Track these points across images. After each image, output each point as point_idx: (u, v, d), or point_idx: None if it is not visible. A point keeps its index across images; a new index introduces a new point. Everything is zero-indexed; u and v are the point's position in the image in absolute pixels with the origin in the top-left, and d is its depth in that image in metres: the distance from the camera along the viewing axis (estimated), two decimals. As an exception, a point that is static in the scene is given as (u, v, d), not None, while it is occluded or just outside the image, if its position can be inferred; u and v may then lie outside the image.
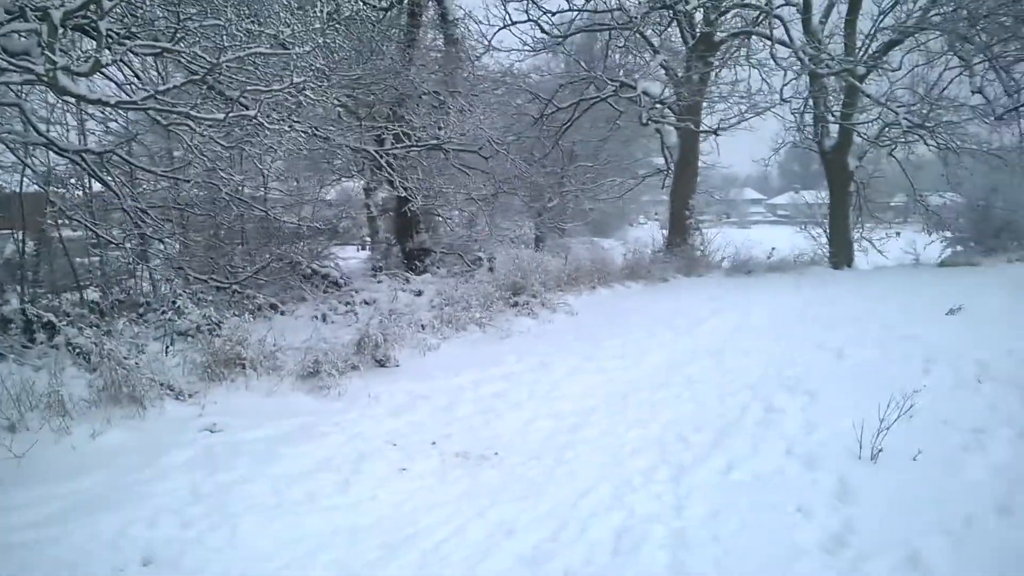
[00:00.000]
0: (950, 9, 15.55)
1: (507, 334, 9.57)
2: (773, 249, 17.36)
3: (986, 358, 7.26)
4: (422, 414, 6.51)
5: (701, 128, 16.47)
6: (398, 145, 11.46)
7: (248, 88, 6.63)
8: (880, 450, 4.80)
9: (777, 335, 9.29)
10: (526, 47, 15.42)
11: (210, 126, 7.19)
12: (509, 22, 14.91)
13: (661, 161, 19.16)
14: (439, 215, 15.71)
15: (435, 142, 11.52)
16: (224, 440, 5.76)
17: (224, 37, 6.23)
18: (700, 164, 18.11)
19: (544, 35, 15.33)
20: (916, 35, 16.36)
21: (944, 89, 17.06)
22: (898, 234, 19.67)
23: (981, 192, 17.99)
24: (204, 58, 6.23)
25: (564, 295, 11.76)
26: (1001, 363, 7.09)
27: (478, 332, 9.59)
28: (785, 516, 4.19)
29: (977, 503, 4.16)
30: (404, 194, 11.59)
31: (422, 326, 9.19)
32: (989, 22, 15.23)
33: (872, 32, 16.68)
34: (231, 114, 6.47)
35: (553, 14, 15.23)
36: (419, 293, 11.60)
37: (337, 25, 8.67)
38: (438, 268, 13.88)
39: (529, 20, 14.97)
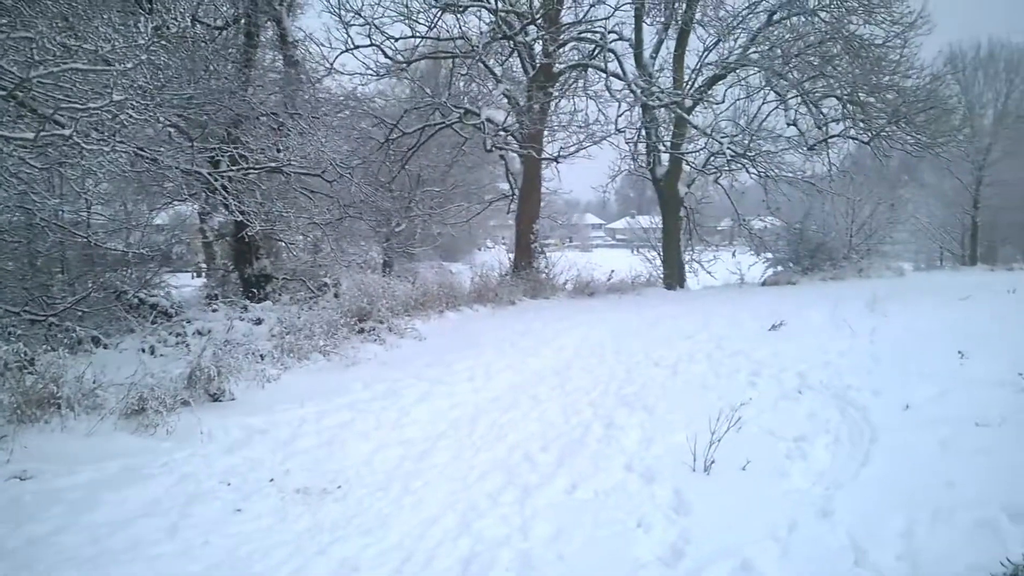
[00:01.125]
0: (766, 48, 16.95)
1: (353, 362, 9.33)
2: (612, 271, 18.04)
3: (805, 370, 7.86)
4: (260, 450, 6.18)
5: (543, 155, 16.90)
6: (234, 167, 10.99)
7: (63, 106, 6.13)
8: (712, 462, 5.04)
9: (617, 353, 9.63)
10: (369, 71, 15.27)
11: (20, 146, 6.58)
12: (351, 46, 14.68)
13: (506, 187, 19.48)
14: (281, 240, 15.17)
15: (274, 164, 11.15)
16: (35, 488, 5.21)
17: (35, 51, 5.73)
18: (543, 190, 18.55)
19: (388, 60, 15.23)
20: (737, 71, 17.65)
21: (763, 121, 18.46)
22: (734, 254, 21.02)
23: (797, 216, 19.58)
24: (13, 72, 5.71)
25: (412, 320, 11.64)
26: (818, 374, 7.69)
27: (322, 360, 9.29)
28: (626, 531, 4.30)
29: (800, 508, 4.44)
30: (241, 218, 11.11)
31: (261, 356, 8.78)
32: (800, 61, 16.68)
33: (698, 67, 17.88)
34: (43, 133, 5.96)
35: (396, 39, 15.18)
36: (258, 321, 11.10)
37: (165, 42, 8.23)
38: (280, 295, 13.37)
39: (372, 45, 14.83)
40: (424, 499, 5.01)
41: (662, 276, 19.04)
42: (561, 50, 16.57)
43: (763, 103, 18.41)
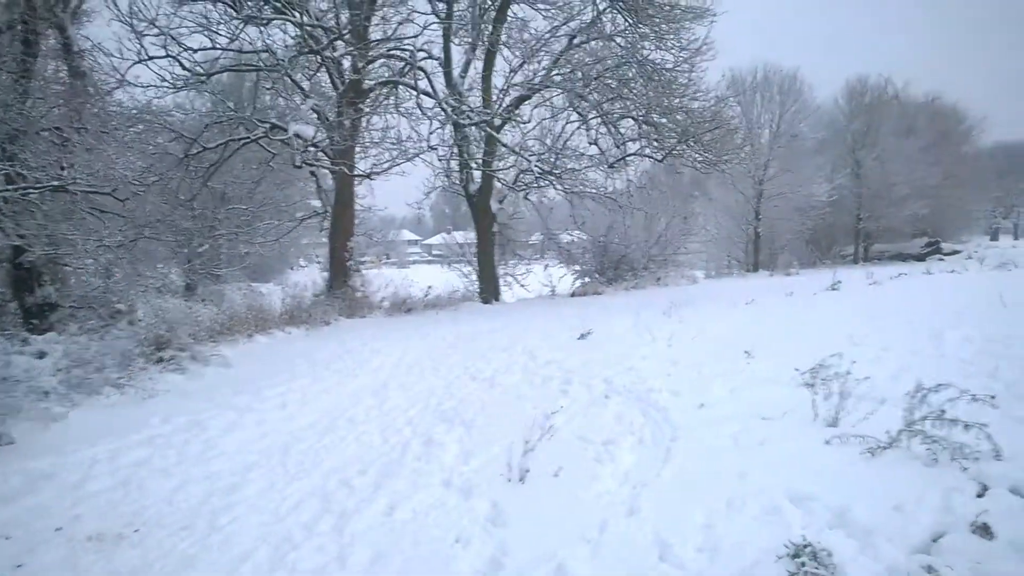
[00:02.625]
0: (568, 70, 17.80)
1: (151, 394, 8.67)
2: (430, 287, 18.18)
3: (611, 375, 8.29)
4: (45, 496, 5.59)
5: (355, 172, 16.70)
6: (10, 187, 9.97)
7: None
8: (527, 471, 5.16)
9: (436, 369, 9.69)
10: (165, 83, 14.32)
11: None
12: (145, 57, 13.72)
13: (319, 204, 19.06)
14: (67, 265, 13.90)
15: (57, 183, 10.24)
16: None
17: None
18: (357, 207, 18.34)
19: (186, 72, 14.37)
20: (542, 92, 18.37)
21: (567, 140, 19.33)
22: (545, 267, 21.84)
23: (601, 230, 20.67)
24: None
25: (218, 346, 11.03)
26: (623, 379, 8.13)
27: (116, 395, 8.55)
28: (445, 548, 4.29)
29: (610, 509, 4.62)
30: (19, 242, 10.09)
31: (45, 393, 7.96)
32: (599, 83, 17.66)
33: (505, 88, 18.41)
34: None
35: (195, 51, 14.36)
36: (41, 355, 10.04)
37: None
38: (67, 325, 12.22)
39: (168, 56, 13.95)
40: (233, 535, 4.74)
41: (478, 291, 19.38)
42: (370, 66, 16.48)
43: (567, 123, 19.36)
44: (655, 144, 18.97)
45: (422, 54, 16.11)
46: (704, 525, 4.26)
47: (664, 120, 18.32)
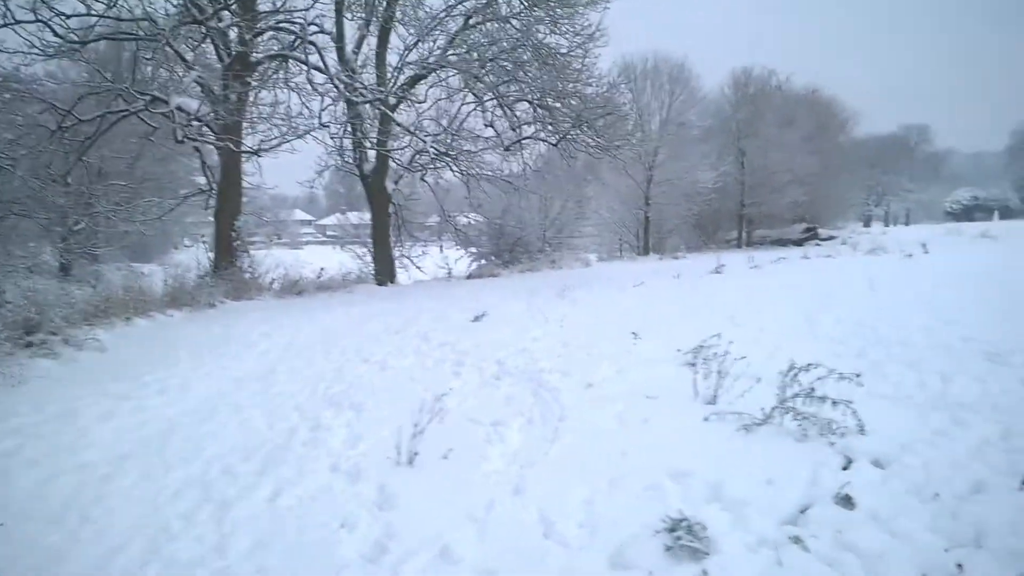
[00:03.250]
0: (464, 51, 17.68)
1: (20, 381, 8.14)
2: (322, 269, 17.82)
3: (503, 357, 8.40)
4: None
5: (242, 148, 16.10)
6: None
7: None
8: (416, 453, 5.16)
9: (326, 352, 9.53)
10: (35, 50, 13.33)
11: None
12: (12, 21, 12.75)
13: (204, 181, 18.30)
14: (-78, 243, 12.91)
15: (-92, 155, 9.45)
16: None
17: None
18: (245, 185, 17.67)
19: (58, 39, 13.42)
20: (437, 71, 18.21)
21: (463, 122, 19.28)
22: (442, 249, 21.88)
23: (497, 212, 20.78)
24: None
25: (93, 329, 10.47)
26: (515, 360, 8.25)
27: (-21, 382, 8.03)
28: (330, 533, 4.25)
29: (497, 489, 4.69)
30: None
31: None
32: (495, 65, 17.63)
33: (400, 66, 18.14)
34: None
35: (68, 16, 13.41)
36: None
37: None
38: (-78, 308, 11.34)
39: (38, 20, 13.00)
40: (107, 527, 4.53)
41: (373, 273, 19.14)
42: (258, 39, 15.89)
43: (463, 104, 19.28)
44: (550, 128, 19.15)
45: (313, 28, 15.63)
46: (587, 502, 4.39)
47: (558, 104, 18.50)
